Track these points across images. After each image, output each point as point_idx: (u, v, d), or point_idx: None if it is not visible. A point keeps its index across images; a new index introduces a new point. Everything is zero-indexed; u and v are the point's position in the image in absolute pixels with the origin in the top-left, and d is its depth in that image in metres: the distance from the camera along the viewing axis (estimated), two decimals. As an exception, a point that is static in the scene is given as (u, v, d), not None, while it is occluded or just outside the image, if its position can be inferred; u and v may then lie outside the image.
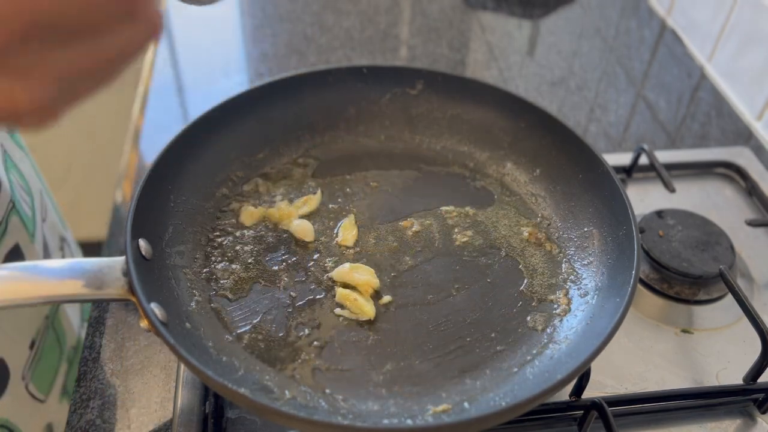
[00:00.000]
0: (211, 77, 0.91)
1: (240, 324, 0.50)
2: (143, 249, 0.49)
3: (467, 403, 0.46)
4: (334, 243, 0.57)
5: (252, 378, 0.46)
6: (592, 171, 0.58)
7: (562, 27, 1.04)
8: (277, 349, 0.49)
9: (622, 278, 0.50)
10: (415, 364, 0.49)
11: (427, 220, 0.60)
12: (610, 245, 0.54)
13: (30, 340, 0.58)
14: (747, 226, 0.69)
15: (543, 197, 0.62)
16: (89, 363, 0.56)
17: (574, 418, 0.52)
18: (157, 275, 0.49)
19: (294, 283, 0.54)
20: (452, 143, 0.66)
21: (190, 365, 0.41)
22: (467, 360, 0.49)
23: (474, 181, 0.64)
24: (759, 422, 0.55)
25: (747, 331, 0.58)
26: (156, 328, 0.42)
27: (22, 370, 0.56)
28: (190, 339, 0.46)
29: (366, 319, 0.51)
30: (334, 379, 0.47)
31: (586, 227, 0.57)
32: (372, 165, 0.65)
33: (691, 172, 0.77)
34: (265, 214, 0.59)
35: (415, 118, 0.67)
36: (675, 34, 1.01)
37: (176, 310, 0.48)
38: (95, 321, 0.59)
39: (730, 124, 0.86)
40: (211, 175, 0.60)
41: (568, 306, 0.53)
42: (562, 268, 0.56)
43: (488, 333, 0.51)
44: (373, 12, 1.04)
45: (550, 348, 0.50)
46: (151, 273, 0.48)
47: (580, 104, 0.89)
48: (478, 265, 0.56)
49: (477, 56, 0.97)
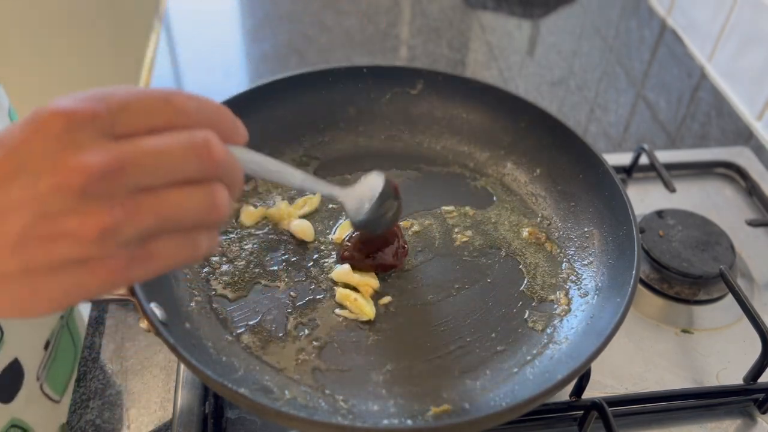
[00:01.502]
0: (211, 77, 0.91)
1: (240, 324, 0.50)
2: None
3: (467, 403, 0.46)
4: (332, 242, 0.57)
5: (252, 378, 0.46)
6: (592, 171, 0.58)
7: (562, 27, 1.04)
8: (277, 349, 0.49)
9: (623, 278, 0.50)
10: (415, 365, 0.49)
11: (427, 220, 0.60)
12: (611, 245, 0.54)
13: (45, 340, 0.58)
14: (747, 226, 0.69)
15: (543, 197, 0.62)
16: (89, 363, 0.56)
17: (575, 418, 0.52)
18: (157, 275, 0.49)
19: (294, 283, 0.54)
20: (452, 143, 0.66)
21: (190, 365, 0.41)
22: (467, 360, 0.49)
23: (474, 181, 0.64)
24: (759, 422, 0.55)
25: (747, 331, 0.58)
26: (156, 328, 0.42)
27: (37, 371, 0.57)
28: (190, 339, 0.46)
29: (366, 320, 0.51)
30: (334, 380, 0.47)
31: (587, 227, 0.57)
32: (372, 165, 0.64)
33: (691, 172, 0.77)
34: (265, 214, 0.59)
35: (415, 118, 0.67)
36: (675, 34, 1.01)
37: (176, 310, 0.48)
38: (95, 321, 0.59)
39: (730, 124, 0.86)
40: None
41: (568, 306, 0.53)
42: (562, 268, 0.56)
43: (488, 333, 0.51)
44: (373, 12, 1.04)
45: (551, 348, 0.49)
46: None
47: (580, 104, 0.89)
48: (478, 265, 0.56)
49: (477, 56, 0.97)
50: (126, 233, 0.29)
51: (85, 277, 0.29)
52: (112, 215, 0.28)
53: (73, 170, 0.27)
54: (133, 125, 0.30)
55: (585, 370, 0.47)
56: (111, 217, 0.28)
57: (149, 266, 0.31)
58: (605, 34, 1.02)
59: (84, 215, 0.28)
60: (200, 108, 0.32)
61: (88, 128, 0.28)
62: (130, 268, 0.30)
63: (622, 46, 1.00)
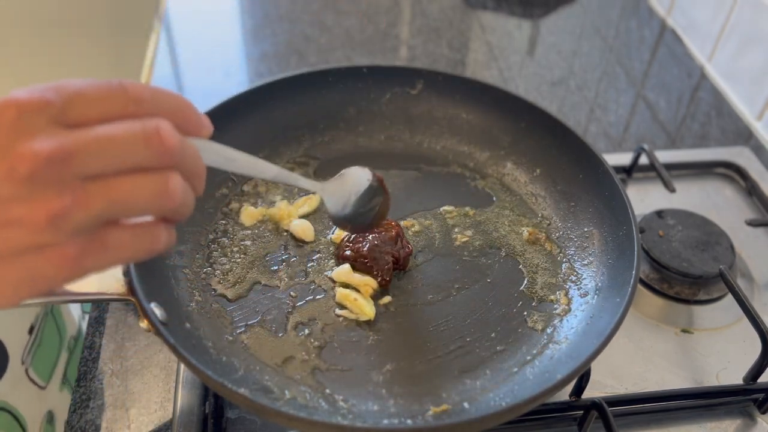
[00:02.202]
0: (211, 77, 0.91)
1: (240, 324, 0.50)
2: None
3: (467, 403, 0.46)
4: (331, 241, 0.57)
5: (252, 378, 0.46)
6: (592, 171, 0.58)
7: (562, 27, 1.04)
8: (277, 349, 0.49)
9: (623, 278, 0.50)
10: (415, 364, 0.49)
11: (427, 220, 0.60)
12: (611, 245, 0.54)
13: (29, 324, 0.58)
14: (747, 226, 0.69)
15: (543, 197, 0.62)
16: (89, 363, 0.56)
17: (574, 418, 0.52)
18: (157, 275, 0.49)
19: (294, 283, 0.54)
20: (452, 143, 0.66)
21: (189, 365, 0.41)
22: (467, 360, 0.49)
23: (474, 181, 0.64)
24: (759, 422, 0.55)
25: (747, 331, 0.58)
26: (156, 328, 0.42)
27: (22, 355, 0.57)
28: (190, 339, 0.46)
29: (366, 320, 0.51)
30: (334, 379, 0.47)
31: (586, 227, 0.57)
32: (372, 165, 0.64)
33: (691, 172, 0.77)
34: (265, 214, 0.59)
35: (415, 118, 0.67)
36: (675, 34, 1.01)
37: (176, 310, 0.48)
38: (95, 321, 0.59)
39: (730, 124, 0.86)
40: (210, 175, 0.59)
41: (568, 306, 0.53)
42: (562, 268, 0.56)
43: (488, 333, 0.51)
44: (373, 12, 1.04)
45: (550, 348, 0.50)
46: (151, 273, 0.48)
47: (580, 104, 0.89)
48: (478, 265, 0.56)
49: (477, 56, 0.97)
50: (76, 220, 0.29)
51: (40, 264, 0.29)
52: (61, 201, 0.28)
53: (21, 156, 0.28)
54: (86, 114, 0.30)
55: (585, 370, 0.47)
56: (60, 203, 0.28)
57: (104, 256, 0.31)
58: (605, 34, 1.02)
59: (33, 201, 0.28)
60: (156, 98, 0.32)
61: (40, 116, 0.28)
62: (85, 257, 0.30)
63: (622, 46, 1.00)
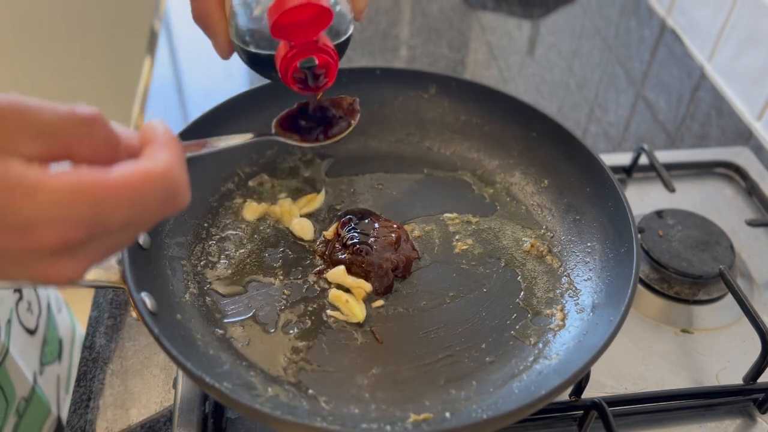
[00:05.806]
0: (211, 77, 0.91)
1: (231, 318, 0.50)
2: (141, 238, 0.49)
3: (449, 413, 0.45)
4: (323, 237, 0.57)
5: (236, 373, 0.46)
6: (600, 185, 0.57)
7: (562, 27, 1.04)
8: (265, 345, 0.49)
9: (619, 297, 0.49)
10: (402, 370, 0.48)
11: (428, 226, 0.60)
12: (611, 262, 0.53)
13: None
14: (747, 226, 0.69)
15: (549, 209, 0.61)
16: (89, 363, 0.56)
17: (574, 418, 0.52)
18: (153, 265, 0.50)
19: (289, 280, 0.54)
20: (462, 149, 0.66)
21: (170, 356, 0.41)
22: (454, 369, 0.49)
23: (480, 188, 0.63)
24: (759, 422, 0.55)
25: (747, 331, 0.58)
26: (142, 317, 0.42)
27: None
28: (179, 330, 0.46)
29: (356, 322, 0.51)
30: (318, 380, 0.47)
31: (590, 242, 0.56)
32: (380, 167, 0.65)
33: (691, 172, 0.77)
34: (268, 211, 0.59)
35: (427, 122, 0.66)
36: (675, 34, 1.01)
37: (168, 300, 0.48)
38: (95, 321, 0.59)
39: (730, 124, 0.86)
40: (217, 171, 0.60)
41: (563, 321, 0.52)
42: (561, 282, 0.55)
43: (479, 343, 0.50)
44: (373, 12, 1.04)
45: (540, 363, 0.48)
46: (146, 262, 0.49)
47: (580, 104, 0.89)
48: (476, 273, 0.56)
49: (477, 56, 0.97)
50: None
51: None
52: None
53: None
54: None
55: (570, 386, 0.46)
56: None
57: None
58: (605, 34, 1.02)
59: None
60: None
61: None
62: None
63: (622, 46, 1.00)
